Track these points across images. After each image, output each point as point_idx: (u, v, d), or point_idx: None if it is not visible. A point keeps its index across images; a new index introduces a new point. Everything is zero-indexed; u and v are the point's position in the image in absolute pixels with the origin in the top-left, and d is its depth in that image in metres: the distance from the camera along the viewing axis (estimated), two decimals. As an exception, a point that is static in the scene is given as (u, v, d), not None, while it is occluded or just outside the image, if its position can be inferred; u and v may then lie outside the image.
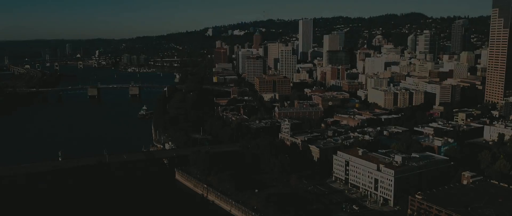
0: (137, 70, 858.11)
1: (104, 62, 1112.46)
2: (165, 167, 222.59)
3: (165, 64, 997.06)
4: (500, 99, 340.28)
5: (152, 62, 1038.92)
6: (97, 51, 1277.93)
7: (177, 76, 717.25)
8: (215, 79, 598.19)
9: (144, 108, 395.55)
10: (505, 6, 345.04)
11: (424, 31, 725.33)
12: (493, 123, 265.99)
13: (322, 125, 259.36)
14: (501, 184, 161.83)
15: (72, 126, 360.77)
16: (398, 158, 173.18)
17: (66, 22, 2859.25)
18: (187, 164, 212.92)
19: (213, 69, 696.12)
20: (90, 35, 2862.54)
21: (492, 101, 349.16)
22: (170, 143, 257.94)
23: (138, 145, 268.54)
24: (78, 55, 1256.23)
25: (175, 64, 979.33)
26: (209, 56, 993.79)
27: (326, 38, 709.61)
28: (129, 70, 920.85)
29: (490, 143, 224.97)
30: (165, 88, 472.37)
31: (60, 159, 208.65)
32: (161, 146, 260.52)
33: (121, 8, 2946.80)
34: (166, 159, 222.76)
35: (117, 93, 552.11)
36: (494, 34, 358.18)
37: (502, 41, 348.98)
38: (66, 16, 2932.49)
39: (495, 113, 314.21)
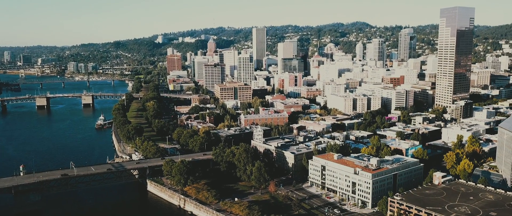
0: (86, 79, 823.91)
1: (48, 71, 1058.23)
2: (135, 178, 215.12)
3: (115, 72, 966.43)
4: (450, 103, 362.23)
5: (101, 70, 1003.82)
6: (39, 59, 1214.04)
7: (130, 84, 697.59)
8: (171, 87, 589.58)
9: (101, 117, 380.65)
10: (452, 16, 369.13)
11: (373, 39, 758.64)
12: (447, 125, 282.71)
13: (295, 131, 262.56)
14: (468, 183, 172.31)
15: (25, 138, 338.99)
16: (373, 161, 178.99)
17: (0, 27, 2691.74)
18: (159, 175, 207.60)
19: (168, 77, 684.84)
20: (29, 42, 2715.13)
21: (442, 105, 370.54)
22: (137, 153, 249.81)
23: (101, 156, 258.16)
24: (19, 63, 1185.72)
25: (126, 72, 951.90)
26: (161, 63, 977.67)
27: (280, 46, 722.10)
28: (76, 78, 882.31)
29: (449, 144, 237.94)
30: (123, 97, 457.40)
31: (22, 174, 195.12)
32: (128, 157, 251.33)
33: (61, 14, 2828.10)
34: (136, 170, 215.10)
35: (68, 103, 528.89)
36: (442, 42, 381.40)
37: (450, 49, 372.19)
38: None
39: (447, 116, 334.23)
